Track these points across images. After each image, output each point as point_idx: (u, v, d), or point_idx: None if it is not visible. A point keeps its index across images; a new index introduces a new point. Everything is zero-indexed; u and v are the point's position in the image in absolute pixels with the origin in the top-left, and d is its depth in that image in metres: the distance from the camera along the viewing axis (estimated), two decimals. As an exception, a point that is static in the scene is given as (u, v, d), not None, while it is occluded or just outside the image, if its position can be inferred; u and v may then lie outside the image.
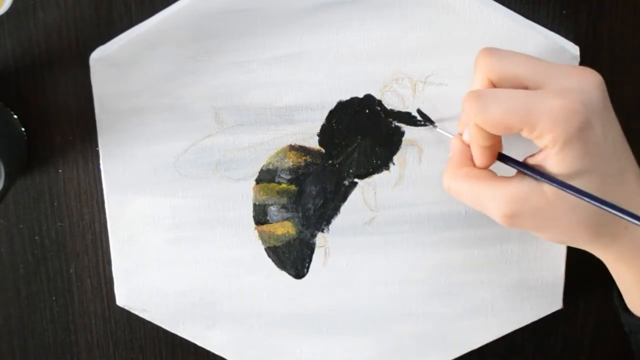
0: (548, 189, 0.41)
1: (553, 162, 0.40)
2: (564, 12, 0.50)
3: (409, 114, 0.50)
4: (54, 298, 0.55)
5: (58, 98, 0.51)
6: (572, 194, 0.40)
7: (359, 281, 0.53)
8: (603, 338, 0.56)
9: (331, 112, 0.50)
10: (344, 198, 0.52)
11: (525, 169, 0.41)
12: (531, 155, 0.42)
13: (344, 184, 0.51)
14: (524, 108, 0.39)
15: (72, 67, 0.50)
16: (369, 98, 0.50)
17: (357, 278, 0.53)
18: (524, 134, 0.40)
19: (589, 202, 0.39)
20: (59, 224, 0.53)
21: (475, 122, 0.40)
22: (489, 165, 0.44)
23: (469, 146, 0.44)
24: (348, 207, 0.52)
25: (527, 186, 0.41)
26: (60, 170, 0.52)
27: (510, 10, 0.48)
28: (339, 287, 0.53)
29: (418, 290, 0.53)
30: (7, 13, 0.46)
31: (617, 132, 0.42)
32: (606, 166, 0.40)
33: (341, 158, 0.51)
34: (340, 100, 0.50)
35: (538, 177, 0.41)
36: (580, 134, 0.39)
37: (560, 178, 0.40)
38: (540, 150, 0.41)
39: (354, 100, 0.50)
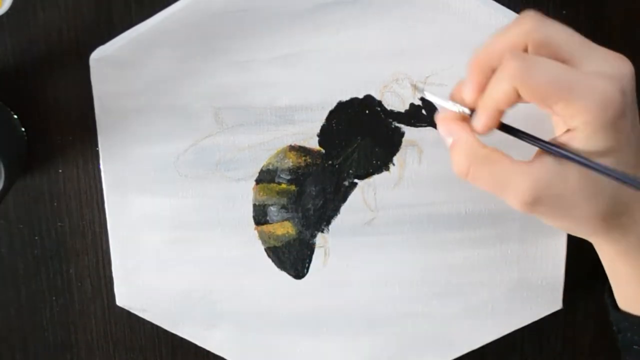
0: (571, 174, 0.39)
1: (579, 145, 0.39)
2: (564, 12, 0.50)
3: (409, 114, 0.50)
4: (54, 298, 0.55)
5: (58, 98, 0.51)
6: (600, 171, 0.38)
7: (359, 281, 0.53)
8: (603, 338, 0.56)
9: (331, 113, 0.50)
10: (343, 198, 0.52)
11: (549, 145, 0.40)
12: (555, 137, 0.40)
13: (344, 185, 0.51)
14: (569, 82, 0.37)
15: (72, 67, 0.50)
16: (368, 98, 0.50)
17: (357, 278, 0.53)
18: (558, 108, 0.38)
19: (616, 178, 0.38)
20: (59, 224, 0.53)
21: (513, 84, 0.38)
22: (491, 130, 0.41)
23: (469, 125, 0.41)
24: (348, 208, 0.52)
25: (551, 171, 0.40)
26: (60, 170, 0.52)
27: (511, 11, 0.48)
28: (339, 287, 0.53)
29: (418, 291, 0.53)
30: (7, 13, 0.46)
31: (639, 125, 0.41)
32: (633, 157, 0.40)
33: (341, 158, 0.51)
34: (340, 101, 0.50)
35: (566, 153, 0.39)
36: (615, 122, 0.38)
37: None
38: (567, 131, 0.39)
39: (354, 100, 0.50)
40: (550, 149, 0.40)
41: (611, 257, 0.45)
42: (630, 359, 0.47)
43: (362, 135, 0.50)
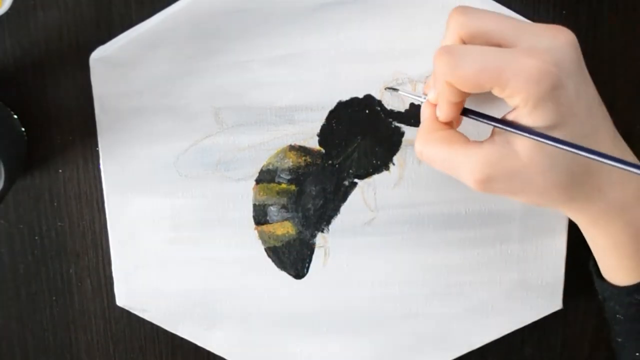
0: (521, 149, 0.40)
1: (525, 121, 0.39)
2: (564, 12, 0.50)
3: (409, 114, 0.50)
4: (54, 298, 0.55)
5: (58, 98, 0.51)
6: (549, 144, 0.39)
7: (359, 281, 0.53)
8: (603, 338, 0.56)
9: (331, 112, 0.50)
10: (343, 198, 0.52)
11: (496, 122, 0.41)
12: (504, 116, 0.41)
13: (344, 184, 0.51)
14: (496, 66, 0.38)
15: (72, 67, 0.50)
16: (369, 98, 0.50)
17: (357, 278, 0.53)
18: (495, 92, 0.39)
19: (567, 149, 0.38)
20: (59, 224, 0.53)
21: (445, 79, 0.40)
22: (453, 121, 0.43)
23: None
24: (348, 208, 0.52)
25: (500, 149, 0.40)
26: (60, 170, 0.52)
27: (510, 11, 0.48)
28: (339, 287, 0.53)
29: (418, 291, 0.53)
30: (7, 13, 0.46)
31: (592, 91, 0.41)
32: (580, 126, 0.40)
33: (341, 158, 0.51)
34: (340, 100, 0.50)
35: (512, 129, 0.40)
36: (552, 94, 0.38)
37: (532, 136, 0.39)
38: (512, 110, 0.40)
39: (354, 100, 0.50)
40: (505, 127, 0.40)
41: (584, 227, 0.45)
42: (617, 328, 0.47)
43: (362, 135, 0.50)
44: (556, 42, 0.39)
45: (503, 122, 0.40)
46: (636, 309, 0.45)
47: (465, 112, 0.43)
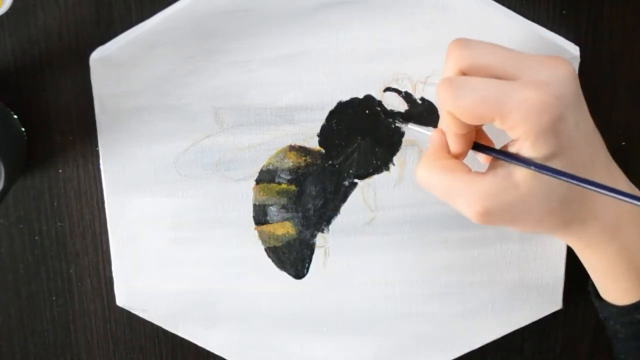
0: (521, 180, 0.40)
1: (526, 153, 0.40)
2: (564, 12, 0.50)
3: (409, 114, 0.50)
4: (54, 298, 0.55)
5: (58, 98, 0.51)
6: (550, 175, 0.39)
7: (359, 281, 0.53)
8: (603, 338, 0.56)
9: (331, 113, 0.50)
10: (344, 198, 0.52)
11: (501, 154, 0.41)
12: (504, 146, 0.42)
13: (344, 185, 0.51)
14: (496, 99, 0.38)
15: (72, 67, 0.50)
16: (369, 98, 0.50)
17: (357, 278, 0.53)
18: (496, 124, 0.39)
19: (567, 180, 0.39)
20: (59, 224, 0.53)
21: (447, 110, 0.40)
22: (462, 153, 0.43)
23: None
24: (348, 208, 0.52)
25: (501, 181, 0.41)
26: (60, 170, 0.52)
27: (510, 11, 0.48)
28: (339, 287, 0.53)
29: (418, 290, 0.53)
30: (7, 13, 0.46)
31: (589, 122, 0.42)
32: (577, 157, 0.40)
33: (341, 158, 0.51)
34: (340, 101, 0.50)
35: (515, 161, 0.40)
36: (553, 127, 0.39)
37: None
38: (513, 141, 0.41)
39: (354, 100, 0.50)
40: (505, 159, 0.41)
41: (579, 250, 0.46)
42: (618, 346, 0.48)
43: (362, 135, 0.50)
44: (557, 74, 0.40)
45: (509, 155, 0.41)
46: (636, 327, 0.46)
47: (477, 147, 0.43)
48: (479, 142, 0.43)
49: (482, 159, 0.46)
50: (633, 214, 0.43)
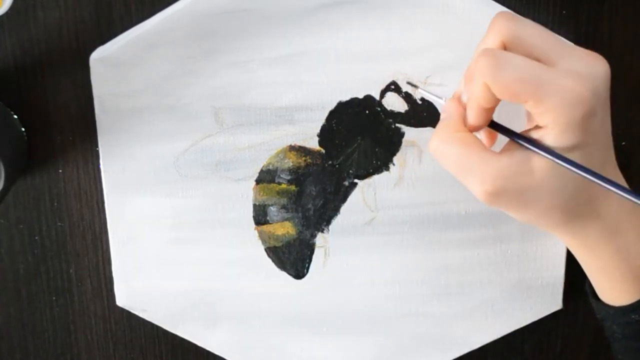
0: (538, 168, 0.40)
1: (549, 141, 0.39)
2: (564, 12, 0.50)
3: (409, 114, 0.50)
4: (54, 298, 0.55)
5: (58, 98, 0.51)
6: (568, 168, 0.39)
7: (359, 281, 0.53)
8: (603, 338, 0.56)
9: (331, 113, 0.50)
10: (344, 198, 0.52)
11: (521, 139, 0.40)
12: (526, 131, 0.41)
13: (344, 185, 0.51)
14: (537, 82, 0.38)
15: (72, 67, 0.50)
16: (369, 99, 0.50)
17: (357, 278, 0.53)
18: (528, 106, 0.39)
19: (585, 176, 0.39)
20: (59, 224, 0.53)
21: (484, 81, 0.39)
22: (478, 127, 0.42)
23: (465, 110, 0.42)
24: (348, 208, 0.52)
25: (516, 164, 0.40)
26: (60, 170, 0.52)
27: (510, 11, 0.48)
28: (339, 287, 0.53)
29: (418, 290, 0.53)
30: (7, 13, 0.46)
31: (609, 124, 0.42)
32: (594, 155, 0.40)
33: (341, 158, 0.51)
34: (340, 101, 0.50)
35: (534, 148, 0.40)
36: (582, 121, 0.38)
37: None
38: (537, 127, 0.40)
39: (354, 100, 0.50)
40: (524, 144, 0.40)
41: (575, 249, 0.45)
42: (616, 346, 0.48)
43: (362, 136, 0.50)
44: (595, 69, 0.39)
45: (528, 140, 0.40)
46: (633, 328, 0.46)
47: (493, 125, 0.42)
48: (495, 121, 0.43)
49: (484, 138, 0.45)
50: (632, 216, 0.43)
